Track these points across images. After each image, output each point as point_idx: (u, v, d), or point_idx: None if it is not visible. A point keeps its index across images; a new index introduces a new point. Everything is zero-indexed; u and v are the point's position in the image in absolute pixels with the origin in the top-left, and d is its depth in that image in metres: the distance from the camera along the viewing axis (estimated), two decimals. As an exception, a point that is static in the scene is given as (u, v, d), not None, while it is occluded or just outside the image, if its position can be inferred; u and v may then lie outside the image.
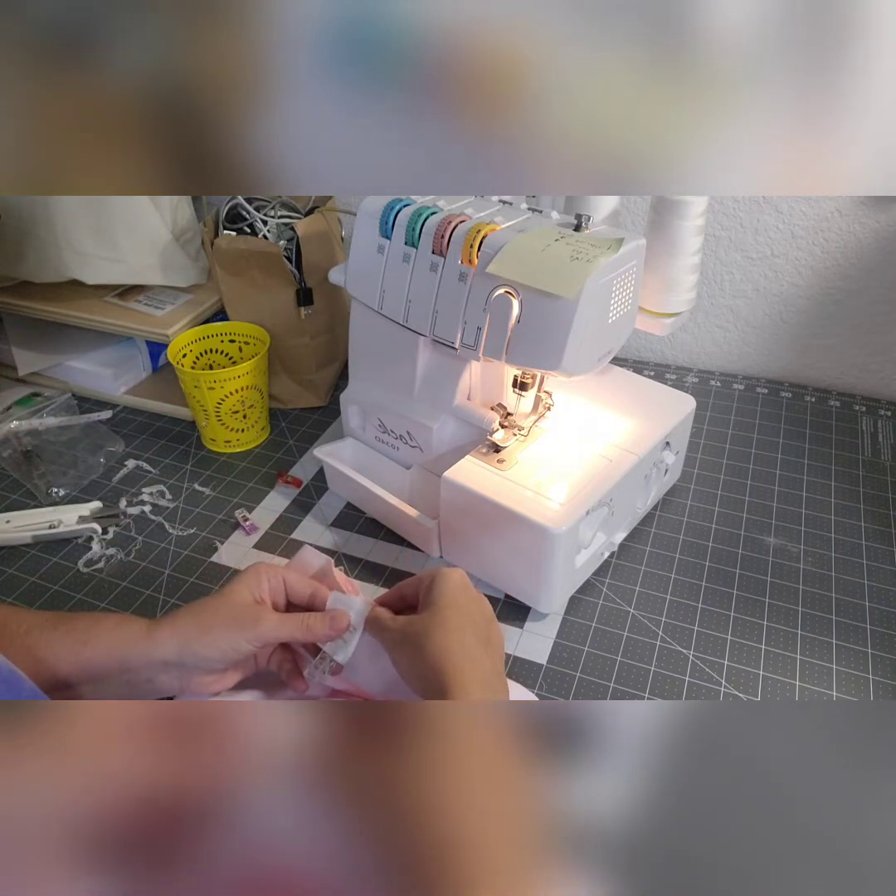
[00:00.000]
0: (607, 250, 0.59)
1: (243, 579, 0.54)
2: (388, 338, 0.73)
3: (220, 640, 0.51)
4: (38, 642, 0.49)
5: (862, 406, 0.98)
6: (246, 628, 0.51)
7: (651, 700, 0.62)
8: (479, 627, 0.50)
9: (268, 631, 0.51)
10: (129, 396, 1.00)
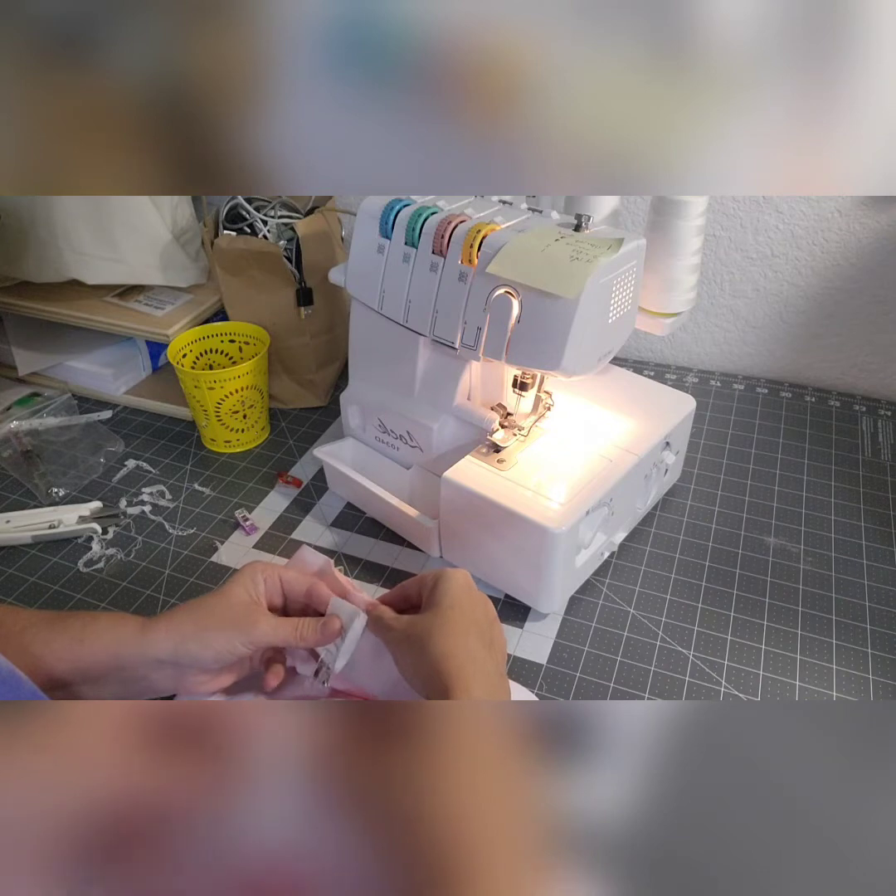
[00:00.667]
0: (607, 250, 0.59)
1: (240, 578, 0.54)
2: (388, 338, 0.73)
3: (214, 642, 0.50)
4: (33, 641, 0.49)
5: (862, 406, 0.98)
6: (241, 630, 0.51)
7: (651, 700, 0.62)
8: (482, 628, 0.50)
9: (263, 636, 0.51)
10: (129, 396, 1.00)
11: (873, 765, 0.34)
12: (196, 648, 0.50)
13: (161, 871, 0.30)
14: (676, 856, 0.32)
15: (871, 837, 0.32)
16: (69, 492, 0.85)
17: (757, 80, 0.43)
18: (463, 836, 0.33)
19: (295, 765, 0.33)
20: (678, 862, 0.32)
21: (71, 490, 0.85)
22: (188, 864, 0.30)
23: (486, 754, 0.35)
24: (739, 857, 0.31)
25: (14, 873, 0.29)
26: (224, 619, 0.51)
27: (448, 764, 0.34)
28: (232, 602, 0.52)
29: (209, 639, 0.50)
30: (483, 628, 0.50)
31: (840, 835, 0.32)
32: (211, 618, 0.51)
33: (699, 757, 0.35)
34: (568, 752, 0.35)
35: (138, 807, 0.31)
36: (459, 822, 0.33)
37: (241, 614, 0.51)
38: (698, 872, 0.31)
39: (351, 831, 0.31)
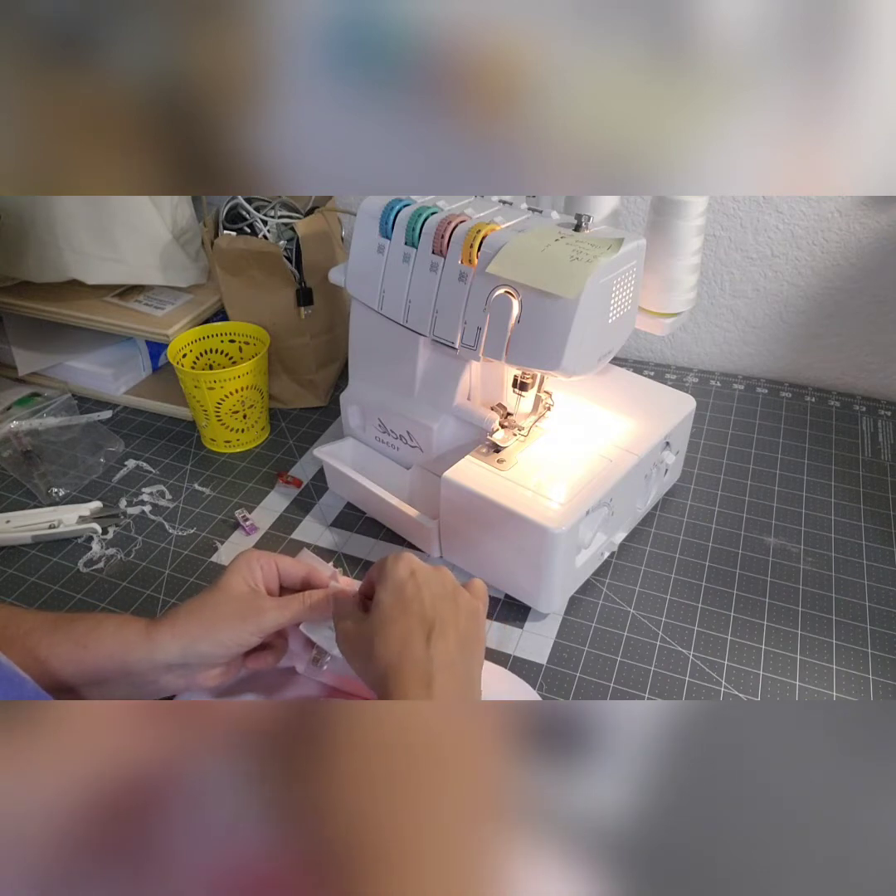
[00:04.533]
0: (607, 250, 0.59)
1: (235, 569, 0.54)
2: (388, 338, 0.73)
3: (224, 637, 0.51)
4: (38, 645, 0.49)
5: (862, 406, 0.98)
6: (249, 621, 0.51)
7: (651, 700, 0.62)
8: (427, 620, 0.48)
9: (271, 620, 0.51)
10: (129, 396, 1.00)
11: (873, 765, 0.34)
12: (207, 648, 0.50)
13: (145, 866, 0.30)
14: (676, 855, 0.32)
15: (871, 837, 0.32)
16: (69, 492, 0.85)
17: (757, 80, 0.43)
18: (462, 835, 0.33)
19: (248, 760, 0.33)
20: (678, 861, 0.32)
21: (71, 490, 0.85)
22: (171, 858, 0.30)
23: (480, 754, 0.35)
24: (739, 857, 0.31)
25: (11, 870, 0.29)
26: (229, 614, 0.51)
27: (429, 764, 0.34)
28: (233, 595, 0.52)
29: (219, 637, 0.50)
30: (428, 619, 0.48)
31: (840, 835, 0.32)
32: (216, 614, 0.51)
33: (699, 757, 0.35)
34: (567, 752, 0.35)
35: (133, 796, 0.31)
36: (459, 821, 0.33)
37: (245, 605, 0.52)
38: (698, 872, 0.31)
39: (291, 828, 0.31)
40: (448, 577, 0.52)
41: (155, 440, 0.94)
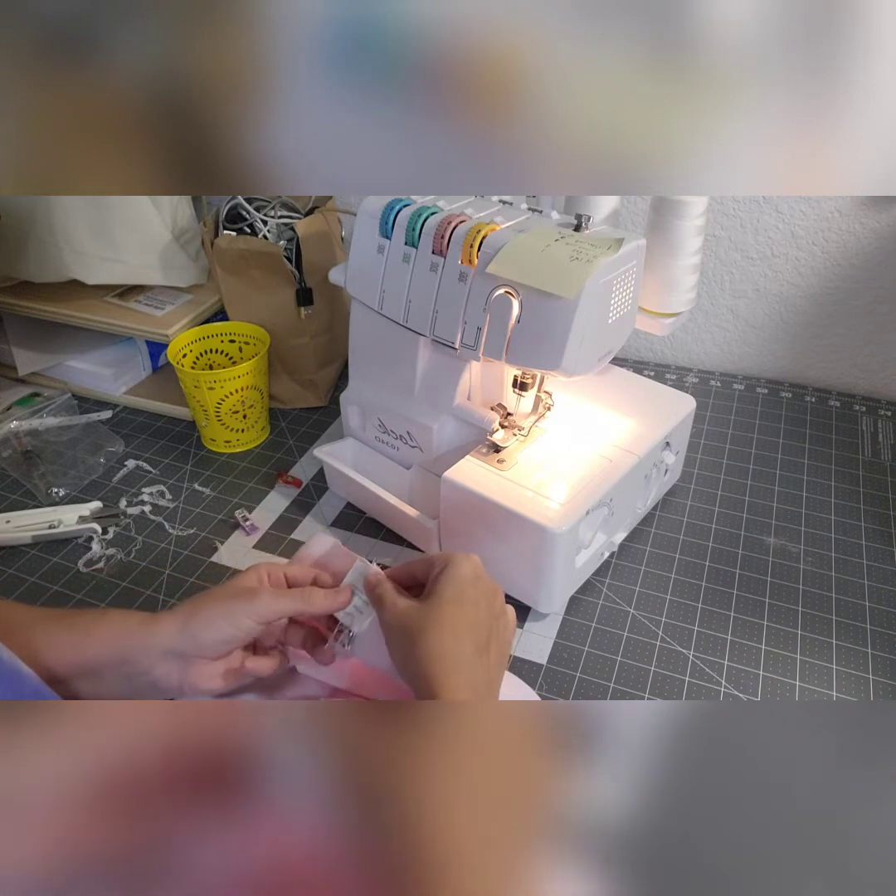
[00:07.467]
0: (607, 250, 0.59)
1: (243, 574, 0.54)
2: (388, 338, 0.73)
3: (217, 617, 0.50)
4: (38, 634, 0.49)
5: (862, 406, 0.98)
6: (243, 600, 0.51)
7: (651, 700, 0.62)
8: (480, 629, 0.49)
9: (265, 604, 0.51)
10: (129, 396, 1.00)
11: (873, 765, 0.34)
12: (199, 628, 0.50)
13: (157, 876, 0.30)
14: (677, 854, 0.32)
15: (871, 837, 0.32)
16: (69, 492, 0.85)
17: (757, 80, 0.43)
18: (462, 835, 0.33)
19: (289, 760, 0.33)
20: (679, 860, 0.32)
21: (71, 490, 0.85)
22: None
23: (484, 754, 0.35)
24: (739, 856, 0.31)
25: None
26: (225, 595, 0.52)
27: (444, 765, 0.34)
28: (234, 585, 0.53)
29: (212, 615, 0.50)
30: (481, 629, 0.50)
31: (840, 834, 0.32)
32: (212, 595, 0.52)
33: (699, 757, 0.35)
34: (568, 751, 0.35)
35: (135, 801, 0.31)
36: (458, 821, 0.33)
37: (242, 591, 0.52)
38: (698, 871, 0.31)
39: (347, 827, 0.31)
40: (501, 597, 0.53)
41: (155, 440, 0.94)
